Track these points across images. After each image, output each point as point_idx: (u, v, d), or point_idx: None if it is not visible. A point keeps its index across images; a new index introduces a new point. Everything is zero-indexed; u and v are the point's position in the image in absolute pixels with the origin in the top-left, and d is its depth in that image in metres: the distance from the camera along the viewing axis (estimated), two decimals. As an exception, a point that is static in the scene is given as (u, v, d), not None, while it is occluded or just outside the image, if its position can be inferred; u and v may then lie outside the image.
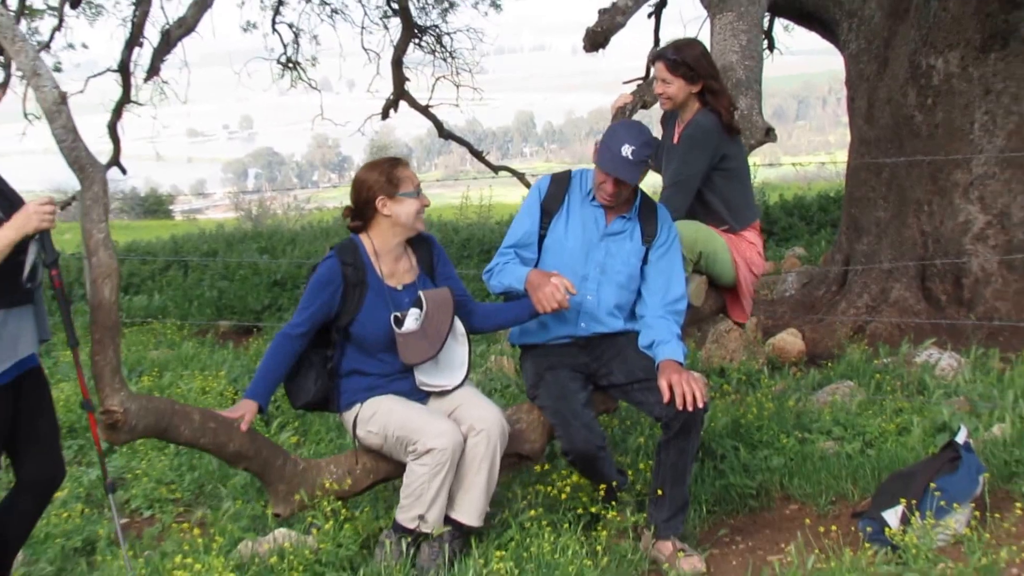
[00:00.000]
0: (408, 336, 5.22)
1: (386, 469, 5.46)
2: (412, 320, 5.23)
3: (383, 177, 5.24)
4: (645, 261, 5.59)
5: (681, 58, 6.08)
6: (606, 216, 5.57)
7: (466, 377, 5.45)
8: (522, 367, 5.92)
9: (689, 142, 6.12)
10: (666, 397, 5.16)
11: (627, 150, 5.24)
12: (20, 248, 4.52)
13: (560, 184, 5.66)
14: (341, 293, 5.24)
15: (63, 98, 4.73)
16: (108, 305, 4.77)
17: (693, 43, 6.31)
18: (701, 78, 6.10)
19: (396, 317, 5.25)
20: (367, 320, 5.25)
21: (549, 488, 5.62)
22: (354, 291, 5.23)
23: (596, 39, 8.10)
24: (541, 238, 5.64)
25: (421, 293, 5.29)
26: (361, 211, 5.34)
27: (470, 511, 5.20)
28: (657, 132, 6.45)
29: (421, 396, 5.39)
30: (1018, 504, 5.37)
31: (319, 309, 5.25)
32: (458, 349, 5.43)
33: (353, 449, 5.56)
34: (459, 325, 5.43)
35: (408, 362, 5.28)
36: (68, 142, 4.73)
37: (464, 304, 5.50)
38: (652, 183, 6.70)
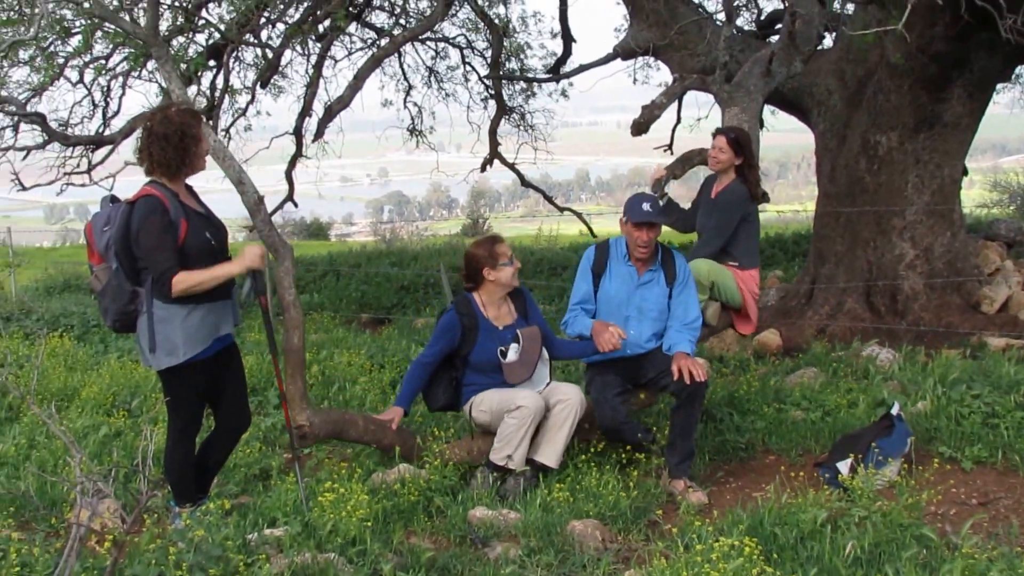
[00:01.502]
0: (511, 365, 5.44)
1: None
2: (513, 353, 5.44)
3: (487, 253, 5.46)
4: (669, 296, 5.69)
5: (736, 137, 6.31)
6: (638, 271, 5.68)
7: (547, 385, 5.57)
8: (585, 374, 6.04)
9: (726, 204, 6.30)
10: (676, 375, 5.31)
11: (646, 207, 5.48)
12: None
13: (602, 251, 5.81)
14: (460, 334, 5.43)
15: (261, 200, 4.87)
16: (297, 349, 4.92)
17: (745, 132, 6.52)
18: (744, 155, 6.30)
19: (502, 351, 5.44)
20: (481, 351, 5.44)
21: (595, 441, 5.68)
22: (470, 333, 5.43)
23: (640, 127, 8.22)
24: (594, 293, 5.77)
25: (518, 331, 5.49)
26: (472, 277, 5.54)
27: (552, 455, 5.32)
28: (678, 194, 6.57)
29: None
30: (936, 460, 5.42)
31: (442, 347, 5.48)
32: (543, 369, 5.61)
33: (470, 436, 5.73)
34: (544, 352, 5.61)
35: (511, 383, 5.46)
36: (265, 232, 4.92)
37: (548, 337, 5.66)
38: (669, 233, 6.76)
